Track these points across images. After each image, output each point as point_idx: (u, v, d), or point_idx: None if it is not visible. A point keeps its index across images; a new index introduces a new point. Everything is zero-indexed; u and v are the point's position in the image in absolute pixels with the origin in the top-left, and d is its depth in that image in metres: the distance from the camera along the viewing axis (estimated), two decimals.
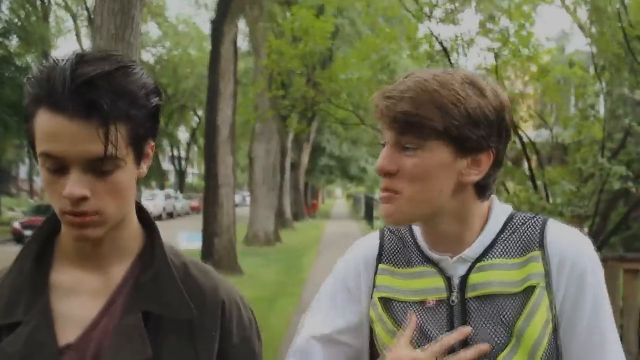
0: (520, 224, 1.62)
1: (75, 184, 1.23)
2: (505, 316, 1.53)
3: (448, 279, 1.60)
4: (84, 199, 1.24)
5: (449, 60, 7.91)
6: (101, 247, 1.38)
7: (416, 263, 1.65)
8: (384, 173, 1.53)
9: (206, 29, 46.29)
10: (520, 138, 8.68)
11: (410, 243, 1.69)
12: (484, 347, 1.52)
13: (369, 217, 36.71)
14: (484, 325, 1.54)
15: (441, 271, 1.61)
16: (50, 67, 1.22)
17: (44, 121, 1.21)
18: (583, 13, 8.95)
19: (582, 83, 8.50)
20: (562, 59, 11.06)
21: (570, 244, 1.56)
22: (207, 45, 47.85)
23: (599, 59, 8.23)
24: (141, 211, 1.47)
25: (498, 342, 1.53)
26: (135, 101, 1.25)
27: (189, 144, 62.84)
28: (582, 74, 8.62)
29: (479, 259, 1.58)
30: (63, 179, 1.24)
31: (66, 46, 65.48)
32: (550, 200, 7.70)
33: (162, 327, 1.35)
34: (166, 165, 67.59)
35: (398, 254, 1.70)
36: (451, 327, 1.57)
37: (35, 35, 34.95)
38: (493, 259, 1.58)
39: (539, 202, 7.30)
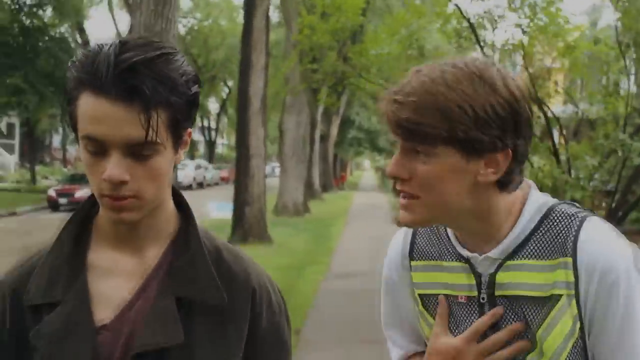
0: (557, 221, 1.52)
1: (115, 167, 1.25)
2: (529, 321, 1.50)
3: (479, 276, 1.56)
4: (123, 182, 1.27)
5: (477, 37, 8.08)
6: (138, 230, 1.41)
7: (448, 257, 1.62)
8: (395, 179, 1.51)
9: (237, 0, 46.56)
10: (545, 113, 8.86)
11: (444, 236, 1.65)
12: (516, 326, 1.50)
13: (396, 189, 36.96)
14: (512, 324, 1.52)
15: (472, 268, 1.57)
16: (95, 52, 1.25)
17: (87, 104, 1.24)
18: None
19: (606, 60, 8.67)
20: (592, 34, 11.17)
21: (602, 252, 1.45)
22: (238, 16, 48.35)
23: (623, 36, 8.37)
24: (177, 196, 1.50)
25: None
26: (175, 88, 1.27)
27: (218, 115, 63.32)
28: (607, 51, 8.79)
29: (510, 256, 1.52)
30: (103, 162, 1.27)
31: (98, 16, 65.82)
32: (573, 175, 7.90)
33: (194, 312, 1.37)
34: (196, 135, 68.06)
35: (431, 246, 1.67)
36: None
37: (69, 6, 35.17)
38: (523, 259, 1.51)
39: (561, 176, 7.51)
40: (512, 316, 1.51)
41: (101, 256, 1.42)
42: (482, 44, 8.08)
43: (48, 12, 35.28)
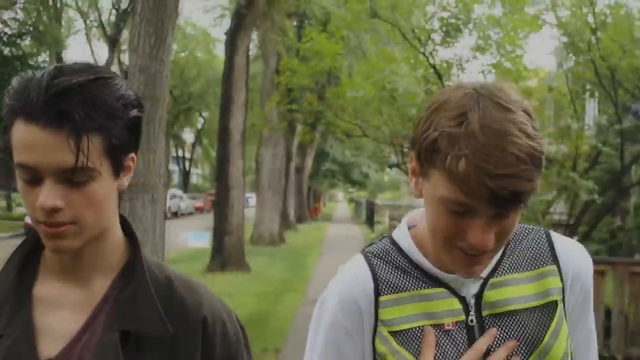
0: (523, 235, 1.56)
1: (47, 195, 1.22)
2: (529, 332, 1.48)
3: (462, 299, 1.49)
4: (56, 209, 1.23)
5: (442, 82, 8.87)
6: (82, 260, 1.36)
7: (426, 285, 1.51)
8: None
9: (213, 32, 47.27)
10: None
11: (406, 266, 1.54)
12: (512, 343, 1.46)
13: (369, 221, 37.71)
14: (505, 341, 1.47)
15: (453, 291, 1.49)
16: (28, 78, 1.23)
17: (19, 132, 1.21)
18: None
19: (561, 105, 9.51)
20: (557, 76, 12.03)
21: (582, 260, 1.55)
22: (214, 48, 49.02)
23: (574, 84, 9.20)
24: (125, 224, 1.45)
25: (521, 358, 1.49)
26: (111, 112, 1.24)
27: (193, 145, 63.58)
28: (559, 97, 9.63)
29: (491, 274, 1.50)
30: (37, 189, 1.24)
31: (77, 46, 66.16)
32: (529, 208, 8.65)
33: (142, 345, 1.33)
34: (171, 165, 68.54)
35: (400, 278, 1.53)
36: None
37: (48, 36, 35.60)
38: (505, 274, 1.51)
39: None
40: (505, 334, 1.47)
41: (47, 288, 1.37)
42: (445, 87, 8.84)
43: (27, 42, 35.54)
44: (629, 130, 10.41)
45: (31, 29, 34.26)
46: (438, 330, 1.47)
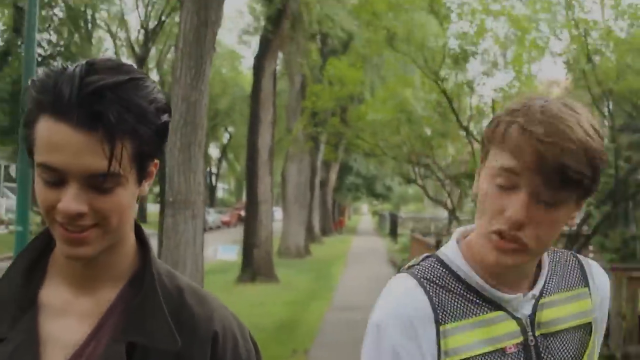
0: (558, 258, 1.58)
1: (72, 199, 1.15)
2: (572, 351, 1.50)
3: (519, 320, 1.47)
4: (80, 215, 1.17)
5: (452, 106, 9.76)
6: (94, 267, 1.29)
7: (483, 311, 1.46)
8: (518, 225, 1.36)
9: (239, 50, 48.31)
10: None
11: (462, 291, 1.48)
12: None
13: (393, 233, 38.47)
14: (564, 350, 1.49)
15: (510, 313, 1.47)
16: (58, 72, 1.15)
17: (47, 129, 1.14)
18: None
19: None
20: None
21: (606, 285, 1.60)
22: (239, 65, 50.02)
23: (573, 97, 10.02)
24: (138, 231, 1.38)
25: None
26: (144, 116, 1.17)
27: (219, 160, 64.74)
28: None
29: (540, 295, 1.50)
30: (59, 192, 1.16)
31: None
32: None
33: (148, 358, 1.26)
34: None
35: (456, 306, 1.46)
36: None
37: (80, 57, 36.71)
38: (551, 295, 1.52)
39: None
40: (557, 352, 1.48)
41: (54, 294, 1.30)
42: (456, 112, 9.76)
43: (59, 62, 36.52)
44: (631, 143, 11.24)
45: (63, 50, 35.04)
46: (501, 354, 1.44)
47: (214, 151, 66.61)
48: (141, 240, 1.37)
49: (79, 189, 1.15)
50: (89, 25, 42.25)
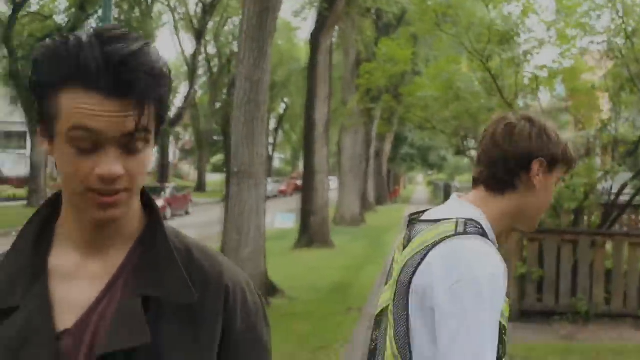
0: None
1: (111, 162, 1.19)
2: None
3: None
4: (117, 177, 1.21)
5: (496, 84, 10.41)
6: (106, 229, 1.31)
7: None
8: None
9: (294, 22, 48.95)
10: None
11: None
12: None
13: None
14: None
15: None
16: (72, 43, 1.17)
17: (76, 99, 1.16)
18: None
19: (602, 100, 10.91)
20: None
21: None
22: (294, 37, 50.60)
23: (613, 82, 10.60)
24: (143, 193, 1.39)
25: None
26: (162, 78, 1.23)
27: (276, 130, 65.59)
28: (600, 94, 11.08)
29: None
30: (94, 159, 1.19)
31: (162, 37, 68.65)
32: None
33: (162, 312, 1.28)
34: None
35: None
36: None
37: (140, 31, 37.69)
38: None
39: (562, 190, 9.81)
40: None
41: (63, 259, 1.31)
42: (500, 89, 10.41)
43: None
44: None
45: (124, 24, 35.86)
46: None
47: (270, 122, 67.62)
48: (146, 201, 1.40)
49: (114, 152, 1.20)
50: (149, 0, 43.46)
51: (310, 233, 18.89)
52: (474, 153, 12.89)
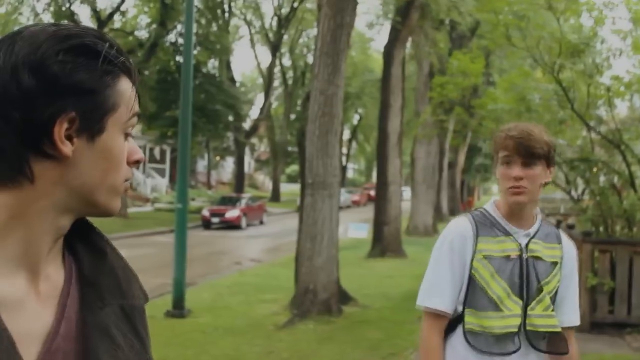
0: (545, 224, 2.83)
1: (137, 148, 1.24)
2: (545, 273, 2.70)
3: (519, 245, 2.68)
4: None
5: (567, 96, 10.47)
6: (39, 246, 1.14)
7: (499, 234, 2.70)
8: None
9: (367, 32, 49.19)
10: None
11: (493, 221, 2.73)
12: None
13: None
14: (540, 269, 2.69)
15: (514, 240, 2.69)
16: (105, 40, 1.17)
17: (128, 89, 1.20)
18: None
19: None
20: None
21: (571, 247, 2.83)
22: (369, 49, 50.83)
23: None
24: None
25: (542, 279, 2.69)
26: None
27: (350, 141, 65.85)
28: None
29: (533, 236, 2.71)
30: (129, 144, 1.21)
31: (238, 50, 69.77)
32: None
33: (134, 317, 1.25)
34: None
35: (487, 229, 2.71)
36: (523, 270, 2.66)
37: (218, 45, 38.54)
38: (537, 240, 2.71)
39: (635, 201, 9.82)
40: (537, 266, 2.69)
41: (6, 287, 1.10)
42: (571, 101, 10.48)
43: (197, 51, 38.10)
44: None
45: (202, 39, 36.51)
46: (507, 259, 2.68)
47: (344, 133, 67.97)
48: None
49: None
50: (226, 15, 44.22)
51: (383, 243, 19.13)
52: None
